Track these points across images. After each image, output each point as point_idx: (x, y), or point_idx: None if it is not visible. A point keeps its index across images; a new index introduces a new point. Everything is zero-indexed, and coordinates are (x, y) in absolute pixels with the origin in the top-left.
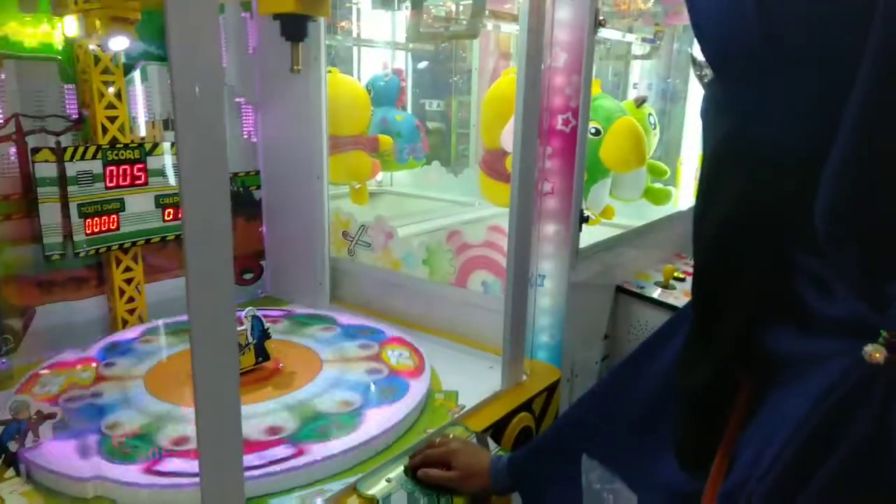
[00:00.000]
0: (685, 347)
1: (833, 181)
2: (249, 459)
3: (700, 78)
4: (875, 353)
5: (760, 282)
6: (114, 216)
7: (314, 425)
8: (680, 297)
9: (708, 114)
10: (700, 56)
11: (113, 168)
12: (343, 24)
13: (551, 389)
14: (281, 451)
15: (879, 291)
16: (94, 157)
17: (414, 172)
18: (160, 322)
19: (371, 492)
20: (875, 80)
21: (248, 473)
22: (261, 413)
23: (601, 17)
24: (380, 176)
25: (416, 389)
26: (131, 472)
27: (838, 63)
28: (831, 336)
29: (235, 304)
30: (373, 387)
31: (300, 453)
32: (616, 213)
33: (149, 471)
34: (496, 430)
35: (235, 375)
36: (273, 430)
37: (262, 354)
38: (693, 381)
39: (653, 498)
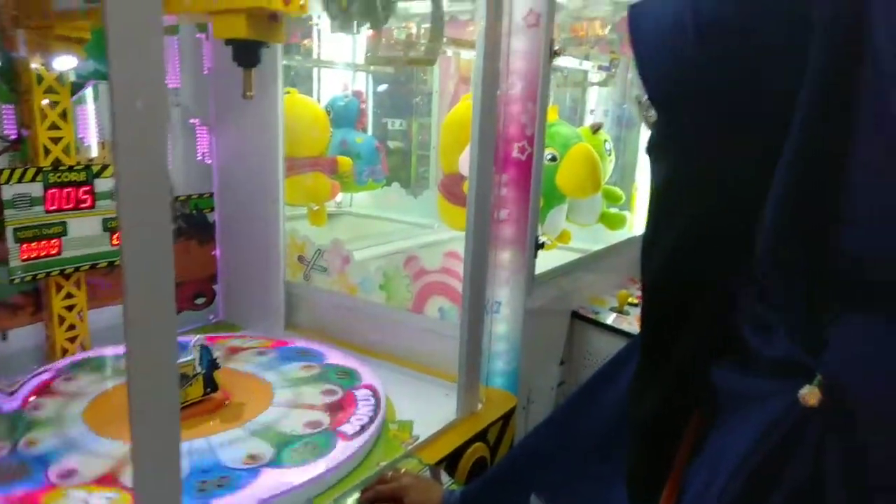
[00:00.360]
0: (635, 378)
1: (772, 219)
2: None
3: (645, 118)
4: (809, 396)
5: (706, 318)
6: (54, 241)
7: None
8: (633, 322)
9: (653, 152)
10: (644, 97)
11: (55, 191)
12: (306, 41)
13: (507, 417)
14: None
15: (815, 333)
16: (33, 180)
17: (374, 193)
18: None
19: None
20: (809, 119)
21: None
22: (206, 448)
23: (557, 47)
24: (339, 197)
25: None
26: None
27: (777, 102)
28: (770, 376)
29: (177, 335)
30: (326, 418)
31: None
32: (573, 238)
33: None
34: (450, 462)
35: (176, 413)
36: (212, 468)
37: (211, 385)
38: (642, 411)
39: None
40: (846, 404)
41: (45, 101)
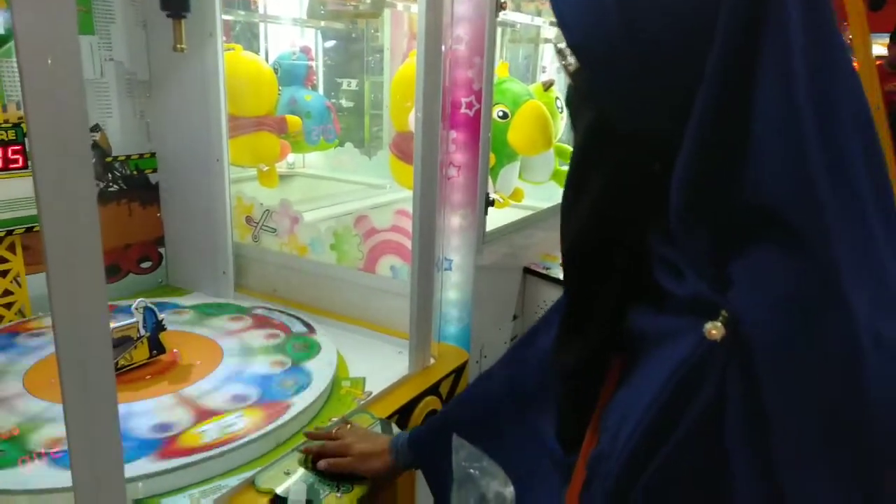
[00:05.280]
0: (560, 327)
1: (682, 167)
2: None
3: (565, 67)
4: (713, 330)
5: (626, 265)
6: None
7: (211, 419)
8: None
9: (573, 103)
10: (563, 45)
11: None
12: None
13: (458, 371)
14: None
15: (721, 273)
16: None
17: (327, 154)
18: None
19: (269, 485)
20: (720, 72)
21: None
22: (154, 409)
23: (503, 0)
24: (291, 158)
25: (321, 378)
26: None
27: (691, 55)
28: (681, 315)
29: (108, 305)
30: (275, 379)
31: (195, 449)
32: (526, 196)
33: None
34: (402, 415)
35: (111, 378)
36: (165, 427)
37: (157, 347)
38: (567, 358)
39: (539, 467)
40: (745, 337)
41: None
